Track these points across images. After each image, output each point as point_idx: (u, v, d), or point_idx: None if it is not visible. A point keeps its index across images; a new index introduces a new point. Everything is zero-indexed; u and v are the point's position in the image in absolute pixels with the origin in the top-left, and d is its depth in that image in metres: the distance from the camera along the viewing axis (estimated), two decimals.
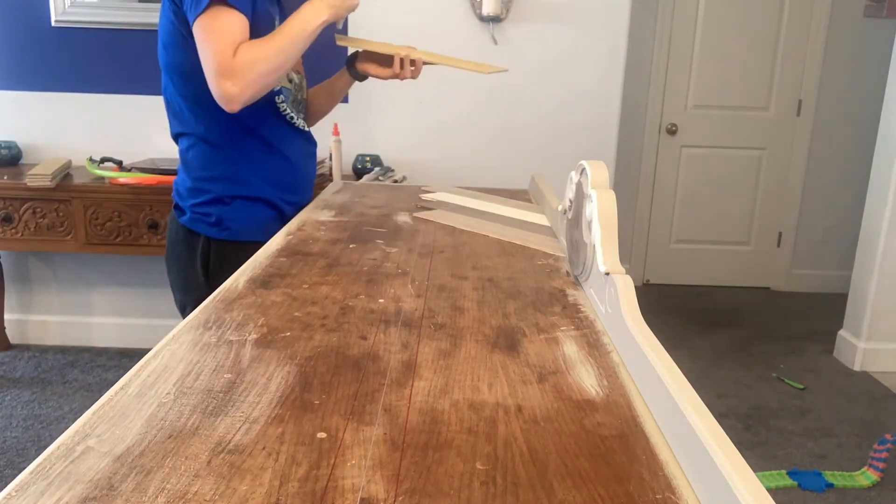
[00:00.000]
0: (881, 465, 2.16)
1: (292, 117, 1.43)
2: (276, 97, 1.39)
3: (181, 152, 1.41)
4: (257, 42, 1.23)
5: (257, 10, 1.28)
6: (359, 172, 2.69)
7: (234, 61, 1.19)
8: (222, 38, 1.19)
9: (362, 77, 1.55)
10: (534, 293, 0.96)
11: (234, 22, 1.21)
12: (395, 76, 1.48)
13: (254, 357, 0.71)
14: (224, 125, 1.34)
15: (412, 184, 2.01)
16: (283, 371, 0.68)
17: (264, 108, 1.37)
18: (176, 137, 1.42)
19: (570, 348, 0.77)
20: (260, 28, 1.28)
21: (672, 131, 3.90)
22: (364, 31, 2.71)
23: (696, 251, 4.09)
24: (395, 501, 0.48)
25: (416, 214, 1.33)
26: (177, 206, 1.44)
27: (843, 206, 3.97)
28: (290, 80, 1.45)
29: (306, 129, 1.50)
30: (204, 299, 0.88)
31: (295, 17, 1.27)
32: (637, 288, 0.78)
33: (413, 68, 1.47)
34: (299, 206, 1.48)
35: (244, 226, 1.39)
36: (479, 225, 1.33)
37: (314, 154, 1.55)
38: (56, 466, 0.51)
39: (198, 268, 1.40)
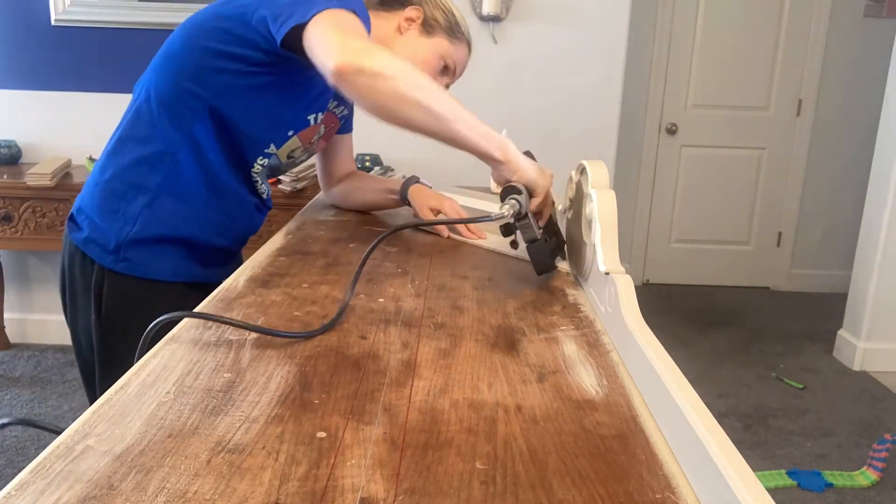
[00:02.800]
0: (881, 464, 2.16)
1: (257, 182, 1.21)
2: (258, 160, 1.16)
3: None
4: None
5: None
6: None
7: (370, 45, 0.91)
8: (352, 28, 0.93)
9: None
10: (533, 292, 0.96)
11: (359, 23, 0.96)
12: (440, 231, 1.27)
13: (253, 356, 0.71)
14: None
15: None
16: (283, 370, 0.68)
17: (238, 164, 1.15)
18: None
19: (570, 348, 0.77)
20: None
21: (672, 131, 3.90)
22: None
23: (695, 251, 4.09)
24: (394, 501, 0.48)
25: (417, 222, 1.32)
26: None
27: (843, 206, 3.97)
28: (291, 158, 1.23)
29: (265, 197, 1.26)
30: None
31: (477, 120, 0.96)
32: (637, 288, 0.78)
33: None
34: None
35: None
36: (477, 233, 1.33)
37: (257, 221, 1.27)
38: (56, 465, 0.51)
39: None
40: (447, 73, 1.23)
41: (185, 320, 0.81)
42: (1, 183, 2.47)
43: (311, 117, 1.16)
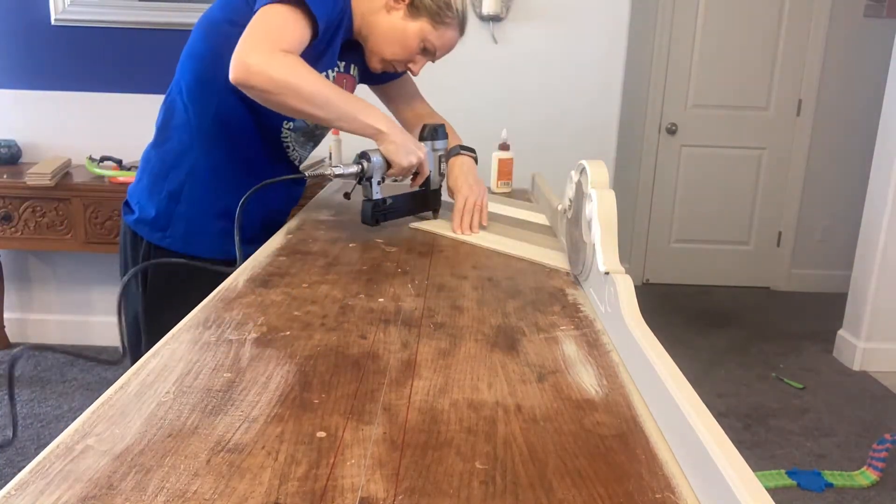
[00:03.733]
0: (880, 464, 2.16)
1: (289, 146, 1.29)
2: (284, 124, 1.25)
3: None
4: (309, 67, 1.09)
5: (323, 45, 1.18)
6: (358, 178, 2.69)
7: (276, 49, 1.05)
8: (280, 29, 1.06)
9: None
10: (533, 292, 0.96)
11: (298, 28, 1.09)
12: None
13: (253, 356, 0.71)
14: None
15: None
16: (283, 370, 0.68)
17: (265, 133, 1.24)
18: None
19: (570, 348, 0.77)
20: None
21: (672, 131, 3.90)
22: None
23: (695, 251, 4.09)
24: (394, 500, 0.48)
25: (412, 225, 1.32)
26: None
27: (843, 205, 3.97)
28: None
29: (300, 169, 1.35)
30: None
31: (359, 100, 1.14)
32: (637, 287, 0.78)
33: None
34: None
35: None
36: (478, 235, 1.33)
37: (294, 192, 1.38)
38: (55, 465, 0.51)
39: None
40: (427, 53, 1.28)
41: (186, 320, 0.81)
42: (1, 182, 2.47)
43: (322, 75, 1.16)
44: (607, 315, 0.82)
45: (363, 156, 1.20)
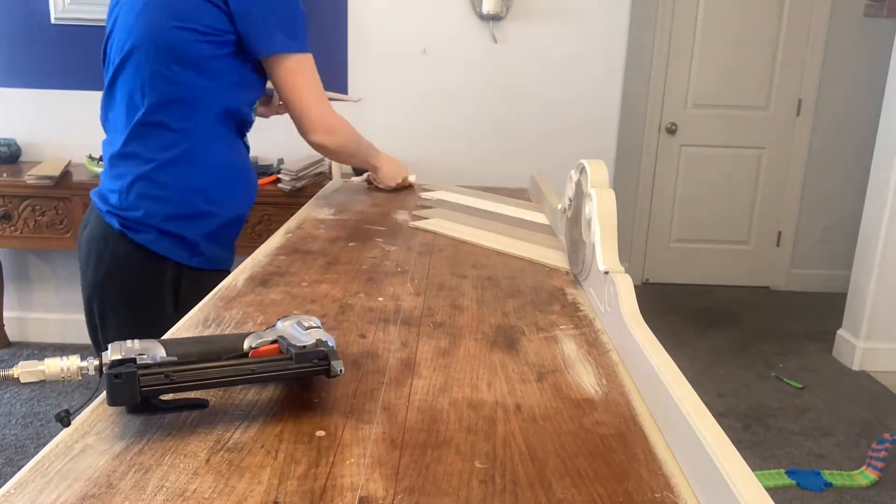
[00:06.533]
0: (880, 464, 2.17)
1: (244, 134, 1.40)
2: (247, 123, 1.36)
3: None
4: (356, 131, 1.41)
5: None
6: (358, 170, 2.69)
7: (336, 122, 1.33)
8: (318, 88, 1.29)
9: None
10: (533, 292, 0.96)
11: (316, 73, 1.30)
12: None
13: None
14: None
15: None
16: None
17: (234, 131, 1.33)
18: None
19: (570, 347, 0.77)
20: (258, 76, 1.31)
21: (672, 130, 3.90)
22: (363, 31, 2.71)
23: (695, 250, 4.09)
24: (393, 500, 0.48)
25: (412, 224, 1.32)
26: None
27: (843, 205, 3.97)
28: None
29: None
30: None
31: (370, 145, 1.53)
32: (636, 287, 0.78)
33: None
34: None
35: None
36: (478, 234, 1.33)
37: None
38: (55, 464, 0.51)
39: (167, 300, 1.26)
40: None
41: (185, 319, 0.81)
42: (0, 181, 2.47)
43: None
44: (607, 314, 0.82)
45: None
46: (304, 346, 0.60)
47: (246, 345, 0.63)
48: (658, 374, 0.60)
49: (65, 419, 0.56)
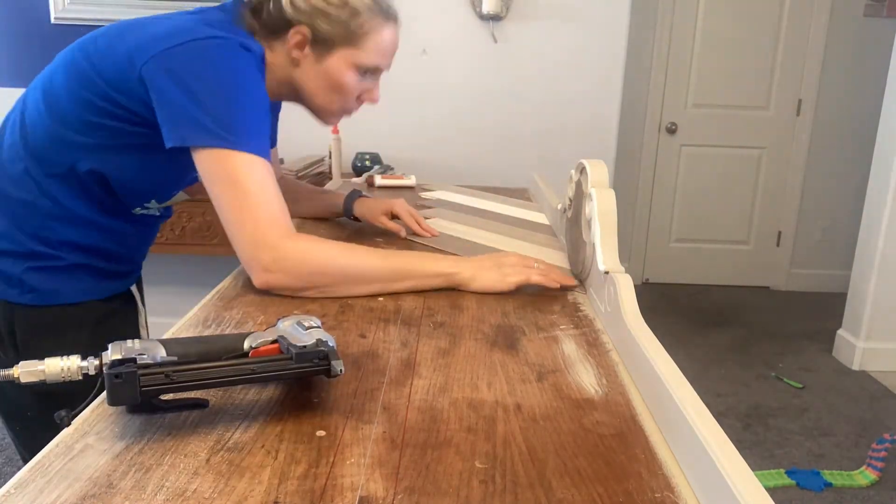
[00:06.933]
0: (879, 464, 2.17)
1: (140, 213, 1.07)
2: (136, 209, 1.04)
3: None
4: (331, 244, 0.92)
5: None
6: (358, 170, 2.69)
7: (287, 246, 0.87)
8: (264, 200, 0.87)
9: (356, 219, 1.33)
10: (533, 292, 0.96)
11: (266, 174, 0.88)
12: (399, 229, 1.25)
13: None
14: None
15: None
16: None
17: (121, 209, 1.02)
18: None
19: (570, 347, 0.77)
20: None
21: (672, 130, 3.90)
22: None
23: (695, 250, 4.09)
24: (393, 499, 0.48)
25: (410, 237, 1.23)
26: None
27: (843, 205, 3.97)
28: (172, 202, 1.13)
29: (158, 214, 1.12)
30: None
31: (406, 252, 1.02)
32: (636, 287, 0.78)
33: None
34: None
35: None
36: (478, 234, 1.33)
37: (154, 231, 1.16)
38: (55, 464, 0.51)
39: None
40: (371, 74, 1.05)
41: (185, 319, 0.81)
42: None
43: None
44: (607, 314, 0.82)
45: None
46: (305, 346, 0.60)
47: (246, 345, 0.63)
48: (658, 373, 0.60)
49: (65, 419, 0.56)
